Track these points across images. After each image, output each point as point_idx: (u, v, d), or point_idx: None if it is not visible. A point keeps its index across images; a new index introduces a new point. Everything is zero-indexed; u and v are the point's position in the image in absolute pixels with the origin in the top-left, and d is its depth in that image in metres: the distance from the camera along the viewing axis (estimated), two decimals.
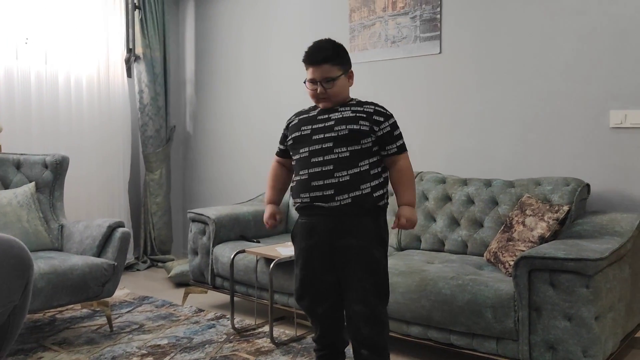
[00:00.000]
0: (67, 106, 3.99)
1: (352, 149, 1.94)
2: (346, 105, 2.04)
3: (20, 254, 1.12)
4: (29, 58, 3.77)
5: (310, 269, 2.04)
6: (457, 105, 3.26)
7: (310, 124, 2.04)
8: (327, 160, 1.95)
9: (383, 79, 3.55)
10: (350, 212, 1.93)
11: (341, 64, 2.04)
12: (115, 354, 2.50)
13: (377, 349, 1.98)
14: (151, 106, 4.36)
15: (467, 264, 2.56)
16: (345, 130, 1.95)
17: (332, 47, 2.05)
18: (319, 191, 1.94)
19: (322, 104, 2.05)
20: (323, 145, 1.97)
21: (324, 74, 2.00)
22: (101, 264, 2.72)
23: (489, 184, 2.87)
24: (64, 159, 3.26)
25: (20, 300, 1.12)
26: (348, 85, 2.08)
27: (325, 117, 2.02)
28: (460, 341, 2.25)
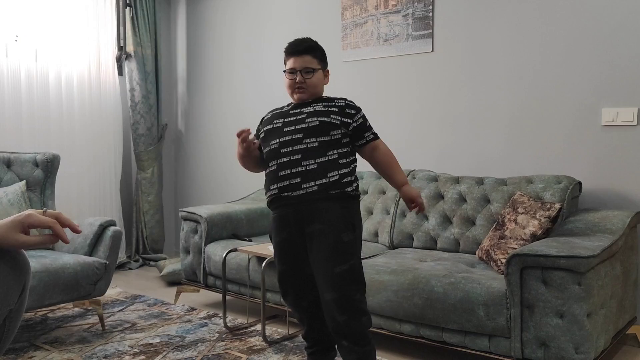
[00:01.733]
0: (58, 104, 3.96)
1: (322, 139, 1.99)
2: (319, 99, 2.11)
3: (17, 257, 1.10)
4: (19, 55, 3.74)
5: (288, 263, 2.06)
6: (449, 103, 3.26)
7: (283, 117, 2.09)
8: (295, 150, 1.98)
9: (375, 77, 3.55)
10: (316, 198, 1.94)
11: (321, 59, 2.14)
12: (107, 352, 2.48)
13: (356, 337, 1.94)
14: (143, 104, 4.34)
15: (460, 262, 2.57)
16: (316, 121, 2.00)
17: (315, 42, 2.15)
18: (285, 180, 1.97)
19: (298, 95, 2.10)
20: (293, 136, 2.01)
21: (304, 64, 2.08)
22: (93, 262, 2.70)
23: (481, 182, 2.87)
24: (55, 157, 3.23)
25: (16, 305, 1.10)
26: (324, 83, 2.16)
27: (297, 111, 2.08)
28: (452, 339, 2.25)
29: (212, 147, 4.51)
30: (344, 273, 1.92)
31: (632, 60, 2.67)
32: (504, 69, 3.06)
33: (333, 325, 1.96)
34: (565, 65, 2.86)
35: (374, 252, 2.90)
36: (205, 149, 4.57)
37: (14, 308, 1.09)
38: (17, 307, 1.10)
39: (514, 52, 3.02)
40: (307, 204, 1.95)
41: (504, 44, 3.05)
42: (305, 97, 2.10)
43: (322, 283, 1.96)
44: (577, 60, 2.83)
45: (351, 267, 1.95)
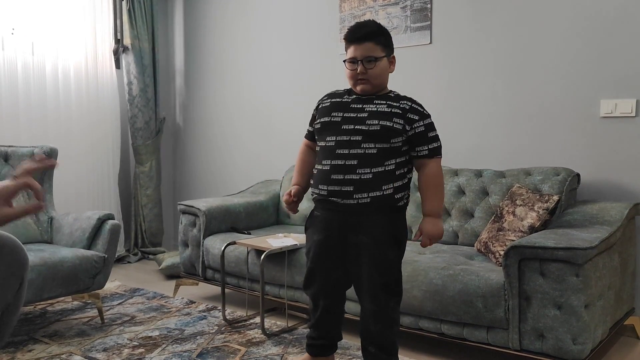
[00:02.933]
0: (55, 97, 3.94)
1: (381, 146, 1.84)
2: (383, 97, 1.92)
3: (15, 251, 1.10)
4: (16, 49, 3.72)
5: (320, 263, 1.98)
6: (447, 96, 3.26)
7: (342, 110, 1.92)
8: (352, 154, 1.85)
9: None
10: (367, 210, 1.85)
11: (385, 45, 1.92)
12: (106, 345, 2.49)
13: (384, 346, 1.94)
14: (140, 98, 4.32)
15: (458, 254, 2.57)
16: (377, 125, 1.84)
17: (377, 26, 1.93)
18: (337, 185, 1.85)
19: (360, 87, 1.92)
20: (351, 137, 1.86)
21: (366, 52, 1.88)
22: (91, 256, 2.70)
23: (480, 175, 2.87)
24: (53, 150, 3.22)
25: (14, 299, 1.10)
26: (389, 72, 1.96)
27: (359, 106, 1.90)
28: (451, 331, 2.26)
29: (210, 140, 4.50)
30: (385, 287, 1.90)
31: (630, 51, 2.67)
32: (503, 60, 3.05)
33: (364, 331, 1.97)
34: (564, 56, 2.85)
35: None
36: (203, 142, 4.57)
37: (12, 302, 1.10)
38: (15, 301, 1.11)
39: (512, 44, 3.01)
40: (357, 215, 1.86)
41: (503, 36, 3.04)
42: (369, 88, 1.91)
43: (362, 293, 1.94)
44: (575, 51, 2.82)
45: (392, 281, 1.92)
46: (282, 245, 2.67)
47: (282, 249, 2.66)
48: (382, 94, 1.94)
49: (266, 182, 3.80)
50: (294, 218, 3.48)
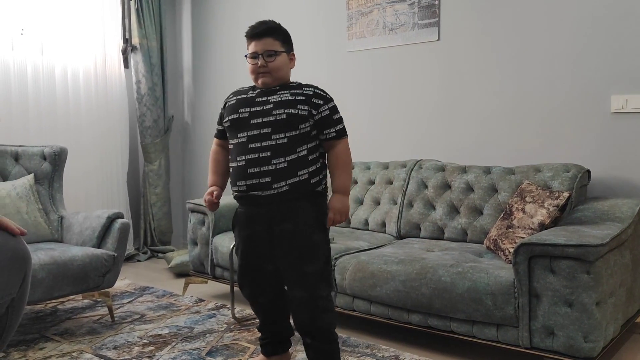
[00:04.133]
0: (65, 98, 3.97)
1: (290, 134, 1.89)
2: (286, 87, 1.98)
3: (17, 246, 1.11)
4: (25, 49, 3.75)
5: (250, 258, 2.01)
6: (456, 92, 3.24)
7: (249, 106, 1.97)
8: (264, 147, 1.89)
9: (381, 67, 3.53)
10: (287, 198, 1.89)
11: (284, 41, 2.01)
12: (117, 343, 2.50)
13: (320, 335, 1.94)
14: (149, 96, 4.34)
15: (467, 251, 2.56)
16: (284, 114, 1.90)
17: (275, 24, 2.04)
18: (255, 179, 1.89)
19: (262, 80, 1.98)
20: (261, 130, 1.91)
21: (266, 47, 1.97)
22: (101, 254, 2.71)
23: (489, 171, 2.86)
24: (63, 150, 3.25)
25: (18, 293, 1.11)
26: (289, 66, 2.04)
27: (264, 99, 1.95)
28: (460, 328, 2.25)
29: None
30: (314, 273, 1.91)
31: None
32: (511, 56, 3.03)
33: (298, 322, 1.96)
34: (574, 51, 2.83)
35: (382, 242, 2.90)
36: (211, 140, 4.55)
37: (16, 297, 1.11)
38: (19, 295, 1.12)
39: (521, 40, 2.99)
40: (277, 204, 1.89)
41: (511, 32, 3.02)
42: (270, 81, 1.98)
43: (291, 281, 1.95)
44: (586, 46, 2.79)
45: (321, 267, 1.93)
46: None
47: None
48: (285, 85, 2.00)
49: None
50: None
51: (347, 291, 2.55)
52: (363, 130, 3.63)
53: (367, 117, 3.62)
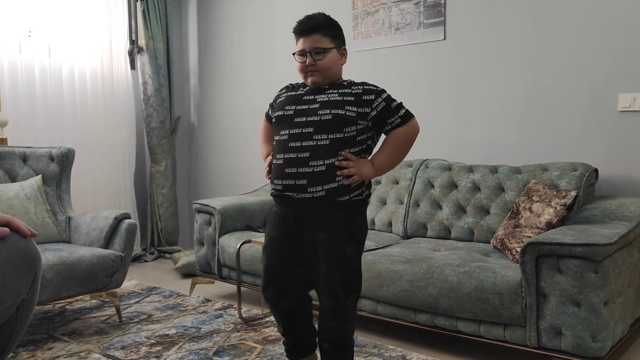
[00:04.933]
0: (72, 99, 3.99)
1: (334, 136, 1.80)
2: (336, 86, 1.89)
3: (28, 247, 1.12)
4: (33, 51, 3.77)
5: (277, 259, 1.94)
6: (462, 92, 3.24)
7: (295, 104, 1.89)
8: (304, 147, 1.81)
9: (387, 67, 3.53)
10: (322, 205, 1.81)
11: (334, 37, 1.90)
12: (124, 343, 2.51)
13: (339, 343, 1.91)
14: (155, 97, 4.35)
15: (474, 251, 2.55)
16: (329, 115, 1.81)
17: (325, 18, 1.92)
18: (291, 179, 1.82)
19: (311, 79, 1.89)
20: (303, 129, 1.83)
21: (313, 44, 1.86)
22: (108, 255, 2.73)
23: (495, 171, 2.85)
24: (70, 151, 3.26)
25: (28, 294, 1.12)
26: (340, 63, 1.92)
27: (311, 98, 1.87)
28: (467, 328, 2.24)
29: (225, 139, 4.52)
30: (343, 283, 1.86)
31: None
32: (518, 55, 3.02)
33: (322, 329, 1.93)
34: (581, 50, 2.82)
35: (388, 242, 2.90)
36: (218, 141, 4.59)
37: (26, 297, 1.12)
38: (29, 296, 1.13)
39: (527, 38, 2.98)
40: (311, 210, 1.82)
41: (517, 30, 3.01)
42: (319, 80, 1.88)
43: (320, 289, 1.91)
44: (592, 45, 2.78)
45: (349, 277, 1.88)
46: None
47: None
48: (335, 84, 1.90)
49: None
50: None
51: None
52: None
53: None
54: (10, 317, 1.11)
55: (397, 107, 1.88)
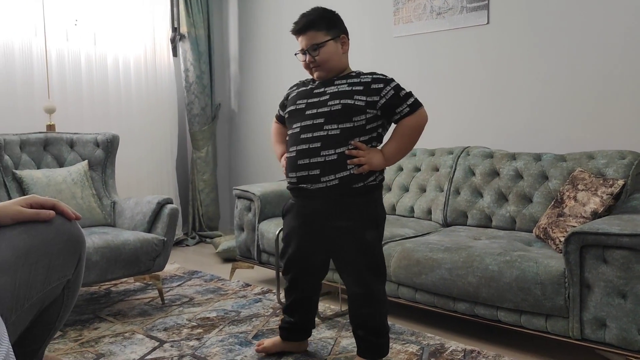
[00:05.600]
0: (116, 86, 4.09)
1: (344, 126, 1.84)
2: (344, 77, 1.93)
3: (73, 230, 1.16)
4: (79, 40, 3.87)
5: (298, 248, 2.00)
6: (505, 78, 3.15)
7: (306, 97, 1.95)
8: (315, 137, 1.86)
9: (428, 52, 3.47)
10: (338, 193, 1.85)
11: (328, 28, 1.92)
12: (167, 325, 2.58)
13: (374, 328, 1.94)
14: (197, 84, 4.41)
15: (515, 240, 2.50)
16: (339, 105, 1.85)
17: (316, 13, 1.94)
18: (304, 170, 1.87)
19: (316, 74, 1.96)
20: (314, 121, 1.88)
21: (309, 41, 1.91)
22: (151, 239, 2.80)
23: (539, 158, 2.78)
24: (115, 137, 3.35)
25: (73, 275, 1.16)
26: (340, 52, 1.95)
27: (321, 90, 1.93)
28: (508, 318, 2.21)
29: (264, 125, 4.55)
30: (370, 269, 1.91)
31: None
32: (564, 40, 2.92)
33: (354, 316, 1.97)
34: (630, 34, 2.70)
35: (427, 229, 2.87)
36: (258, 128, 4.62)
37: (72, 278, 1.16)
38: (74, 277, 1.17)
39: (574, 22, 2.87)
40: (328, 199, 1.87)
41: (564, 14, 2.90)
42: (324, 74, 1.94)
43: (347, 277, 1.95)
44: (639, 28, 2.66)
45: (375, 262, 1.92)
46: None
47: None
48: (343, 75, 1.94)
49: None
50: None
51: (392, 278, 2.54)
52: None
53: None
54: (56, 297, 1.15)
55: (406, 96, 1.90)
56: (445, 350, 2.24)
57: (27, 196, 1.18)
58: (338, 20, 1.97)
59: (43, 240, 1.11)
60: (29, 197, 1.17)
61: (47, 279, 1.11)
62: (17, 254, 1.07)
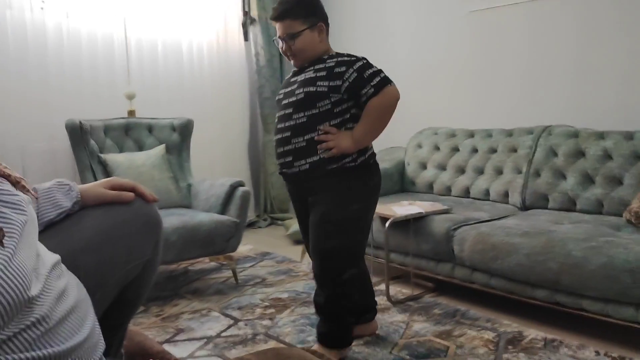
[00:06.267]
0: (191, 72, 4.19)
1: (310, 113, 1.87)
2: (314, 63, 1.93)
3: (149, 212, 1.20)
4: (156, 28, 3.99)
5: (301, 223, 2.12)
6: (593, 50, 2.94)
7: (285, 87, 2.01)
8: (287, 127, 1.92)
9: (507, 26, 3.30)
10: (312, 176, 1.90)
11: (304, 17, 1.91)
12: (241, 304, 2.64)
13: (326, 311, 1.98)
14: (267, 68, 4.45)
15: (603, 225, 2.35)
16: (302, 94, 1.88)
17: (293, 1, 1.92)
18: (281, 158, 1.95)
19: (293, 62, 1.99)
20: (286, 110, 1.94)
21: (285, 30, 1.91)
22: (225, 220, 2.86)
23: (631, 137, 2.58)
24: (189, 121, 3.44)
25: (152, 255, 1.20)
26: (317, 41, 1.94)
27: (294, 79, 1.97)
28: (592, 307, 2.08)
29: None
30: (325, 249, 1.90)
31: None
32: None
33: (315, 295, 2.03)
34: None
35: (504, 213, 2.75)
36: None
37: (150, 258, 1.20)
38: (153, 256, 1.21)
39: None
40: (304, 182, 1.94)
41: None
42: (300, 63, 1.97)
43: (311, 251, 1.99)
44: None
45: (337, 243, 1.89)
46: (408, 213, 2.62)
47: (407, 217, 2.61)
48: (314, 61, 1.94)
49: (390, 149, 3.74)
50: (419, 185, 3.41)
51: (466, 263, 2.46)
52: (485, 96, 3.44)
53: (490, 81, 3.42)
54: (137, 275, 1.19)
55: (371, 76, 1.86)
56: (523, 338, 2.15)
57: (109, 179, 1.22)
58: (316, 7, 1.97)
59: (123, 220, 1.15)
60: (111, 179, 1.22)
61: (127, 258, 1.15)
62: (101, 233, 1.12)
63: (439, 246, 2.56)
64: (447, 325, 2.31)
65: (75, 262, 1.03)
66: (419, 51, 3.77)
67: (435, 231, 2.57)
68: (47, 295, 0.85)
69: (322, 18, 1.97)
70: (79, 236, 1.11)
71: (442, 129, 3.48)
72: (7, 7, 3.28)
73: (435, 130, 3.51)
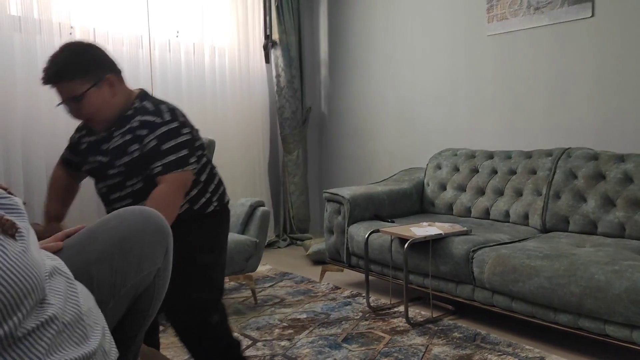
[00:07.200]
0: (213, 93, 4.26)
1: (144, 176, 1.63)
2: (120, 122, 1.65)
3: (158, 222, 1.24)
4: (180, 50, 4.08)
5: None
6: (612, 74, 2.93)
7: (97, 154, 1.70)
8: (124, 196, 1.66)
9: (524, 50, 3.31)
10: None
11: (83, 74, 1.58)
12: (259, 325, 2.65)
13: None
14: (287, 89, 4.51)
15: (625, 248, 2.32)
16: (122, 166, 1.63)
17: (64, 58, 1.59)
18: None
19: (95, 126, 1.68)
20: (114, 180, 1.67)
21: (66, 94, 1.59)
22: (245, 240, 2.88)
23: None
24: (212, 142, 3.49)
25: (162, 264, 1.24)
26: (109, 97, 1.63)
27: (105, 147, 1.67)
28: (617, 333, 2.04)
29: (354, 129, 4.56)
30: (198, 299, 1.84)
31: None
32: None
33: None
34: None
35: (524, 235, 2.73)
36: (347, 132, 4.63)
37: (161, 267, 1.23)
38: (164, 265, 1.24)
39: None
40: None
41: None
42: (100, 126, 1.67)
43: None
44: None
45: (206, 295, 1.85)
46: (426, 234, 2.62)
47: (426, 238, 2.61)
48: (119, 120, 1.66)
49: (409, 170, 3.75)
50: (439, 206, 3.40)
51: (486, 285, 2.44)
52: (504, 118, 3.44)
53: (508, 104, 3.42)
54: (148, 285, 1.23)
55: (168, 151, 1.59)
56: None
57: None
58: (96, 59, 1.64)
59: (135, 230, 1.19)
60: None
61: (139, 267, 1.19)
62: (113, 243, 1.16)
63: (458, 268, 2.55)
64: (467, 349, 2.28)
65: (89, 273, 1.07)
66: (439, 73, 3.80)
67: (455, 252, 2.56)
68: (55, 297, 0.88)
69: (107, 69, 1.64)
70: (93, 247, 1.15)
71: (462, 150, 3.48)
72: (37, 32, 3.39)
73: (454, 151, 3.51)
